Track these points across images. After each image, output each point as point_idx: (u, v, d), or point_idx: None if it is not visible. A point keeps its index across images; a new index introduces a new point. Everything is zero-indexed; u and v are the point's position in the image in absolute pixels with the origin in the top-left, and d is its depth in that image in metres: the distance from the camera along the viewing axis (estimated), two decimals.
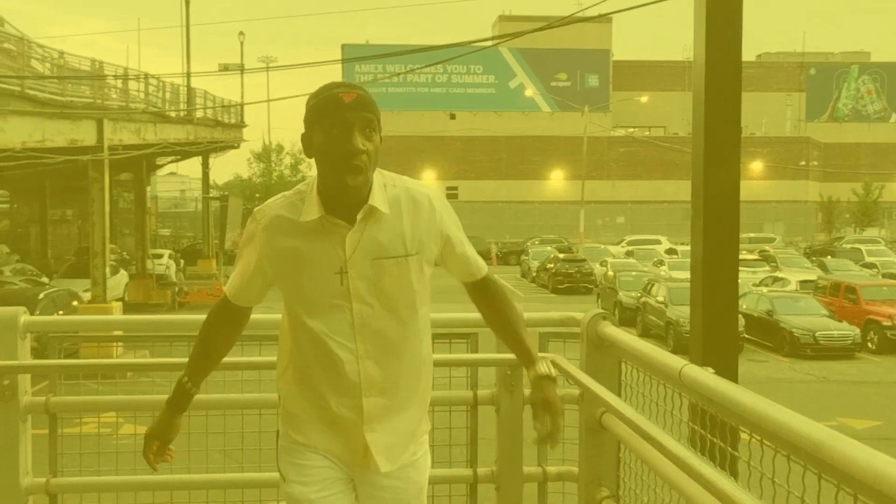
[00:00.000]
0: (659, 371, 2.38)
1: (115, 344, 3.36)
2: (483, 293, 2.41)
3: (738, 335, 3.34)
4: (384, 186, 2.19)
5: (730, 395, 1.92)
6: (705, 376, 2.05)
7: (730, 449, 2.15)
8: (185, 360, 2.47)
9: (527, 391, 3.28)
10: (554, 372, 2.33)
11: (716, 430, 2.18)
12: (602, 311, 2.93)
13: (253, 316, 2.44)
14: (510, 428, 3.26)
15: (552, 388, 2.30)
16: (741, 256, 35.87)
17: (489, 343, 3.23)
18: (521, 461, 3.29)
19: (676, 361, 2.23)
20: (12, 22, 24.82)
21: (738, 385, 1.95)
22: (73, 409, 3.13)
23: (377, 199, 2.14)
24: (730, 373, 2.49)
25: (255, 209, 2.28)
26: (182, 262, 36.48)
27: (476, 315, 2.63)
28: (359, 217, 2.12)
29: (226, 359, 2.49)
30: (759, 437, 1.90)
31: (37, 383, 3.19)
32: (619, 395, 2.82)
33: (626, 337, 2.74)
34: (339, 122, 2.08)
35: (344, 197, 2.11)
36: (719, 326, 3.07)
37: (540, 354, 2.56)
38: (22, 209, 48.16)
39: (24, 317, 2.95)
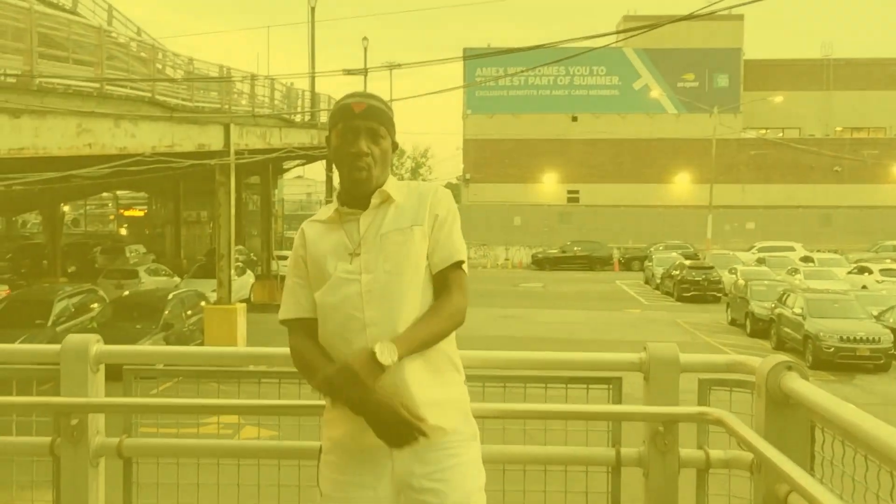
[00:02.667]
0: (883, 455, 1.75)
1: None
2: (440, 295, 2.35)
3: None
4: (398, 185, 2.44)
5: None
6: None
7: None
8: (271, 402, 2.31)
9: (682, 451, 2.69)
10: (388, 359, 2.16)
11: None
12: (788, 359, 2.29)
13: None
14: (662, 496, 2.63)
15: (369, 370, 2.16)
16: (886, 265, 33.60)
17: (636, 389, 2.65)
18: None
19: None
20: (149, 31, 25.81)
21: None
22: (150, 454, 2.75)
23: (390, 187, 2.39)
24: None
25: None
26: None
27: (620, 356, 2.24)
28: (373, 200, 2.37)
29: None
30: None
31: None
32: (810, 470, 2.17)
33: (824, 397, 2.10)
34: (347, 127, 2.37)
35: (354, 192, 2.39)
36: None
37: (701, 409, 2.10)
38: (159, 211, 50.41)
39: (96, 346, 2.59)
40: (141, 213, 52.24)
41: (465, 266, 2.39)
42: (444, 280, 2.36)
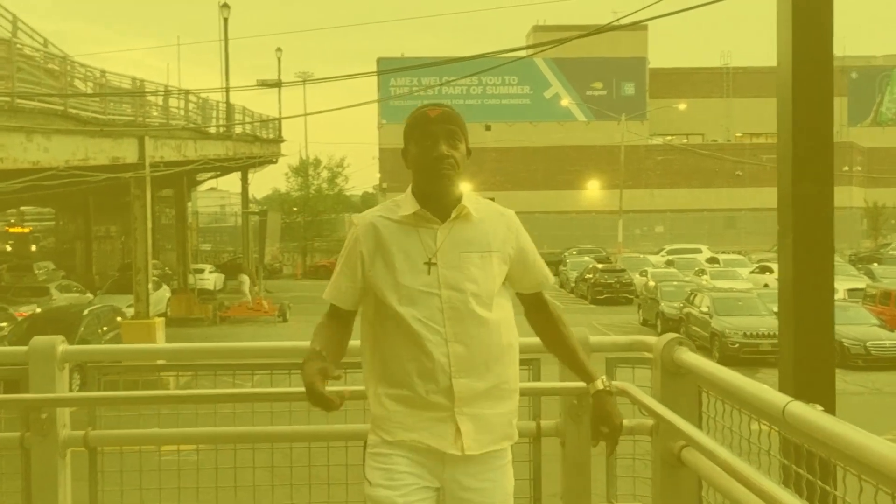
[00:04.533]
0: (754, 406, 2.15)
1: (162, 372, 3.20)
2: (542, 310, 2.59)
3: (833, 366, 3.02)
4: (476, 200, 2.50)
5: (850, 439, 1.69)
6: (816, 416, 1.81)
7: (836, 492, 1.91)
8: (234, 390, 2.51)
9: None
10: (612, 387, 2.45)
11: (816, 472, 1.94)
12: (678, 335, 2.69)
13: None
14: (577, 462, 3.01)
15: (612, 402, 2.46)
16: (772, 264, 35.17)
17: (552, 370, 3.01)
18: (588, 497, 3.05)
19: (778, 397, 2.00)
20: (56, 43, 25.19)
21: (858, 428, 1.71)
22: (114, 443, 2.97)
23: (468, 203, 2.44)
24: (828, 408, 2.25)
25: (353, 216, 2.54)
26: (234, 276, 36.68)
27: (538, 340, 2.62)
28: (452, 214, 2.40)
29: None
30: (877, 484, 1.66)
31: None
32: (699, 427, 2.57)
33: (708, 364, 2.50)
34: (426, 133, 2.41)
35: (437, 197, 2.40)
36: (814, 356, 2.79)
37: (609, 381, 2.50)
38: (67, 226, 48.90)
39: (62, 346, 2.81)
40: (25, 231, 51.07)
41: None
42: (540, 301, 2.58)
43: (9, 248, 49.07)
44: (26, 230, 50.65)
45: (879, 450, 1.65)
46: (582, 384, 2.57)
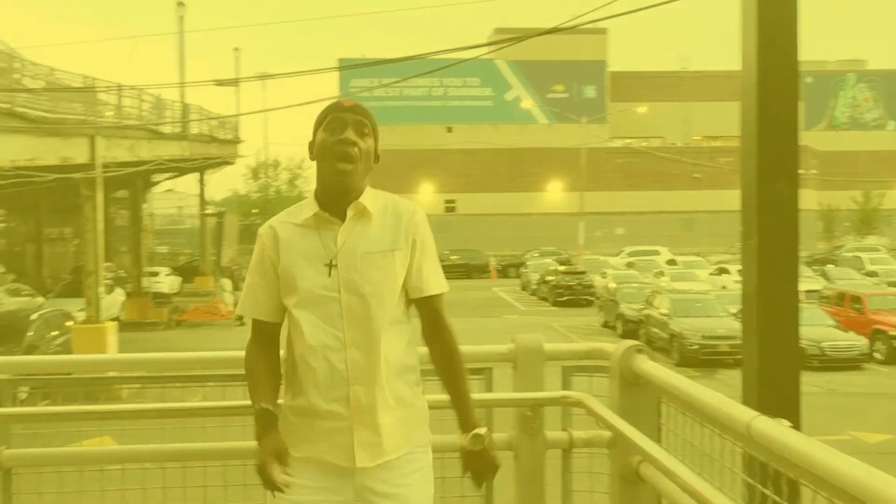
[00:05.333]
0: (717, 420, 2.00)
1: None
2: (434, 331, 2.45)
3: (799, 375, 2.87)
4: (375, 196, 2.41)
5: (819, 459, 1.55)
6: (783, 433, 1.67)
7: None
8: (157, 405, 2.38)
9: (549, 434, 2.91)
10: (484, 441, 2.35)
11: (783, 492, 1.80)
12: (637, 343, 2.54)
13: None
14: (530, 476, 2.85)
15: (478, 459, 2.36)
16: (729, 266, 35.59)
17: (505, 379, 2.85)
18: None
19: (743, 412, 1.85)
20: (7, 41, 24.54)
21: (827, 446, 1.57)
22: (31, 463, 2.74)
23: (367, 199, 2.36)
24: (794, 422, 2.11)
25: (259, 228, 2.45)
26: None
27: (491, 348, 2.47)
28: (349, 213, 2.33)
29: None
30: None
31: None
32: (658, 440, 2.42)
33: (668, 375, 2.35)
34: (336, 119, 2.36)
35: (336, 194, 2.33)
36: (779, 364, 2.65)
37: (564, 393, 2.35)
38: (17, 227, 47.71)
39: None
40: None
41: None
42: (432, 308, 2.43)
43: None
44: None
45: (850, 471, 1.52)
46: (536, 394, 2.43)
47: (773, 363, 2.73)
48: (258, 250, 2.41)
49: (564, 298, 33.47)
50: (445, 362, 2.43)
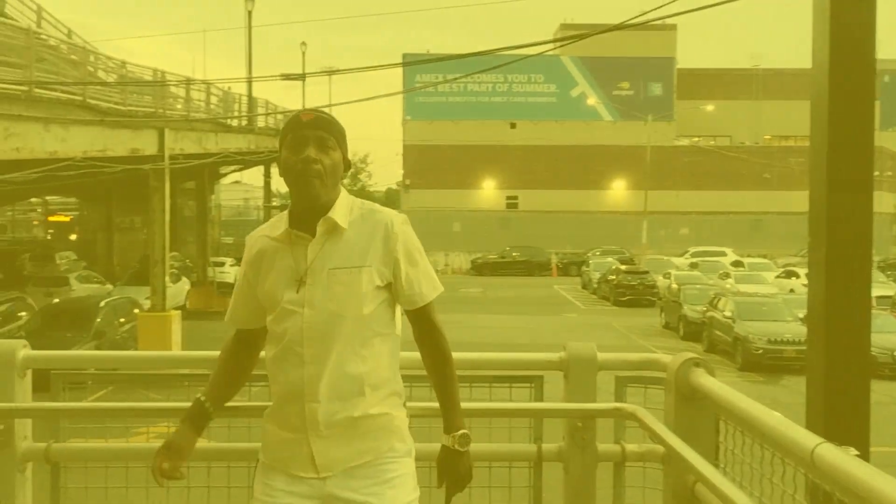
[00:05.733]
0: (778, 444, 1.88)
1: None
2: (426, 337, 2.44)
3: (868, 397, 2.68)
4: (350, 208, 2.36)
5: (886, 494, 1.42)
6: (848, 462, 1.55)
7: None
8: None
9: (600, 446, 2.81)
10: (464, 445, 2.37)
11: None
12: (695, 356, 2.42)
13: None
14: (580, 489, 2.75)
15: (455, 461, 2.38)
16: (798, 269, 34.64)
17: (556, 388, 2.76)
18: None
19: (806, 437, 1.73)
20: (82, 35, 25.23)
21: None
22: (79, 458, 2.75)
23: (338, 213, 2.32)
24: (862, 451, 1.97)
25: (248, 235, 2.49)
26: None
27: (541, 356, 2.39)
28: (319, 229, 2.30)
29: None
30: None
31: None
32: (715, 460, 2.30)
33: (726, 391, 2.23)
34: (296, 137, 2.32)
35: (304, 205, 2.31)
36: (848, 390, 2.46)
37: (616, 405, 2.24)
38: (90, 216, 49.16)
39: (22, 351, 2.59)
40: (67, 219, 50.70)
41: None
42: (424, 315, 2.41)
43: (48, 237, 49.20)
44: (66, 219, 50.44)
45: None
46: (588, 405, 2.33)
47: (840, 384, 2.55)
48: (243, 261, 2.45)
49: (626, 298, 33.07)
50: (437, 366, 2.43)
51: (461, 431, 2.37)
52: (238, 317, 2.47)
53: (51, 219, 52.47)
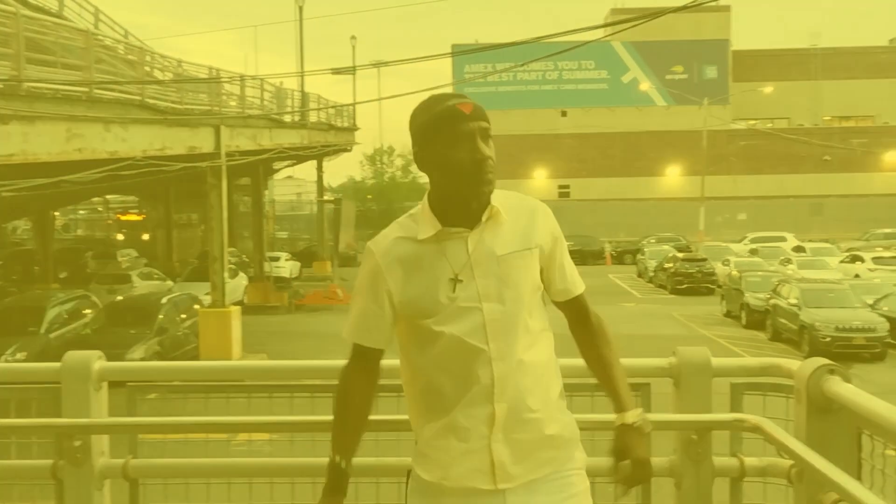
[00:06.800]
0: None
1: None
2: (583, 324, 2.30)
3: None
4: (502, 196, 2.20)
5: None
6: None
7: None
8: (290, 418, 2.31)
9: (716, 460, 2.58)
10: (647, 427, 2.16)
11: None
12: (829, 362, 2.18)
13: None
14: None
15: (639, 442, 2.15)
16: (878, 253, 33.60)
17: (665, 395, 2.54)
18: None
19: None
20: (138, 35, 25.57)
21: None
22: (158, 474, 2.62)
23: (497, 202, 2.14)
24: None
25: (369, 243, 2.21)
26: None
27: (649, 361, 2.18)
28: (483, 218, 2.11)
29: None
30: None
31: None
32: (858, 478, 2.06)
33: (869, 400, 1.99)
34: (463, 133, 2.08)
35: (465, 204, 2.10)
36: None
37: (737, 416, 2.03)
38: (150, 214, 50.02)
39: (97, 363, 2.46)
40: (138, 218, 51.26)
41: None
42: (580, 305, 2.29)
43: (121, 237, 50.04)
44: (139, 217, 51.10)
45: None
46: (704, 416, 2.11)
47: None
48: (369, 270, 2.18)
49: (684, 286, 32.45)
50: (605, 346, 2.27)
51: (639, 410, 2.18)
52: (372, 335, 2.18)
53: (122, 217, 53.14)
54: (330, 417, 2.23)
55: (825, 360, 2.25)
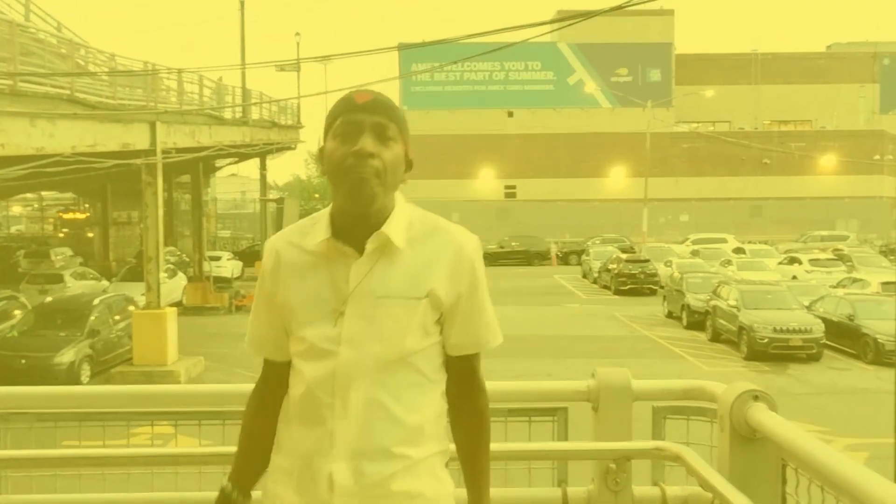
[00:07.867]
0: (855, 498, 1.50)
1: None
2: (464, 395, 1.91)
3: None
4: (410, 222, 1.85)
5: None
6: None
7: None
8: (168, 450, 1.90)
9: (636, 489, 2.43)
10: None
11: None
12: (754, 387, 2.03)
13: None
14: None
15: None
16: (814, 255, 34.39)
17: (583, 421, 2.38)
18: None
19: (893, 494, 1.35)
20: (70, 27, 24.74)
21: None
22: None
23: (393, 228, 1.81)
24: None
25: (267, 240, 1.98)
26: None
27: (565, 384, 2.01)
28: (368, 247, 1.79)
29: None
30: None
31: None
32: None
33: (792, 431, 1.85)
34: (348, 124, 1.80)
35: (354, 210, 1.79)
36: None
37: (657, 444, 1.85)
38: (86, 211, 48.70)
39: None
40: (83, 216, 49.38)
41: None
42: (469, 365, 1.92)
43: (61, 235, 48.29)
44: (83, 216, 49.13)
45: None
46: (623, 444, 1.94)
47: None
48: (262, 274, 1.93)
49: (627, 287, 32.75)
50: (473, 434, 1.92)
51: None
52: (262, 342, 1.94)
53: (64, 216, 51.23)
54: (220, 450, 2.00)
55: (750, 385, 2.11)
